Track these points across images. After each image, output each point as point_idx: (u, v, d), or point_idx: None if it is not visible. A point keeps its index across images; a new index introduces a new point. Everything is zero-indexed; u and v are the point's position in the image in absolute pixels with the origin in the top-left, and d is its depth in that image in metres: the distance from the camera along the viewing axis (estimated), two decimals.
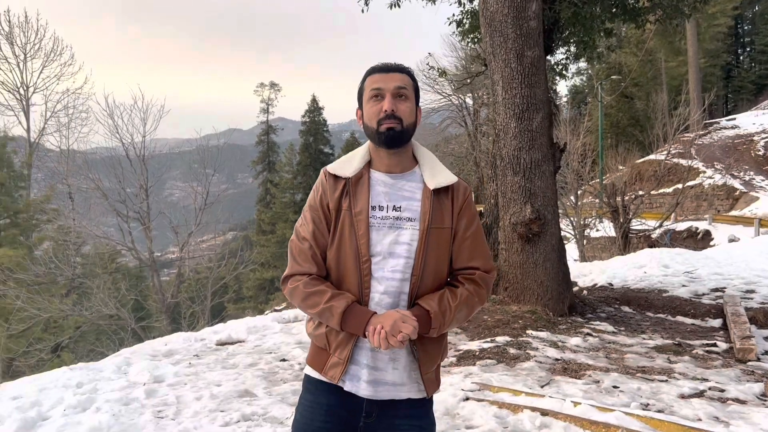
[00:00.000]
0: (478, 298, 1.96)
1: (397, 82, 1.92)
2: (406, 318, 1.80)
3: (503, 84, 6.53)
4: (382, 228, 1.91)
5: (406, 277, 1.88)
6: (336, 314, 1.83)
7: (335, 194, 1.94)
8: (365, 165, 1.99)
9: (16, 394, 4.38)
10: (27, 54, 25.21)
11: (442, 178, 1.96)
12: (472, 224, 2.00)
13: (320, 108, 44.58)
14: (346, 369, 1.89)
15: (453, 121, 42.03)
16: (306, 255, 1.94)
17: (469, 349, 5.62)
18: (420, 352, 1.91)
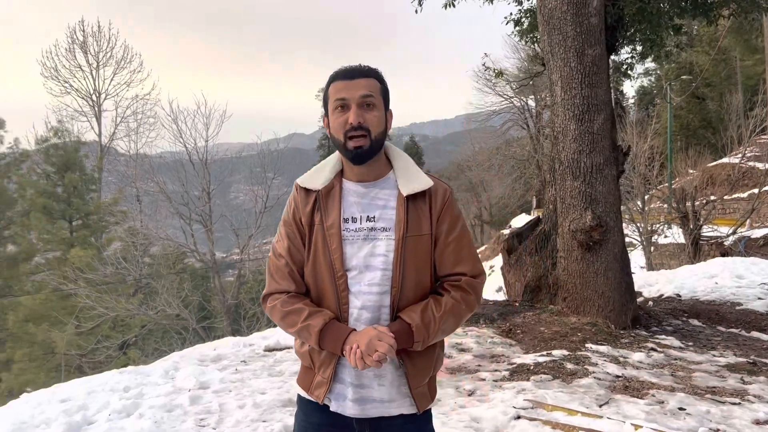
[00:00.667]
0: (465, 306, 1.85)
1: (363, 89, 1.80)
2: (382, 335, 1.71)
3: (562, 84, 6.23)
4: (356, 241, 1.83)
5: (385, 289, 1.80)
6: (313, 333, 1.77)
7: (307, 208, 1.88)
8: (336, 175, 1.90)
9: (66, 396, 4.42)
10: (99, 62, 26.29)
11: (417, 183, 1.85)
12: (454, 228, 1.88)
13: None
14: (331, 388, 1.84)
15: (514, 123, 41.25)
16: (283, 272, 1.89)
17: (523, 363, 5.36)
18: (408, 367, 1.83)
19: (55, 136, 21.70)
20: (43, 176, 21.70)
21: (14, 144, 22.94)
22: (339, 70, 1.86)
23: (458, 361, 5.52)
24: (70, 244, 20.65)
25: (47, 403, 4.25)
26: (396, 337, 1.74)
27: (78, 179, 21.54)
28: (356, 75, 1.82)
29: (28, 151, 22.77)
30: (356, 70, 1.83)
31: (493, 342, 6.09)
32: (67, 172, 21.23)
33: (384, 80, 1.90)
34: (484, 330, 6.50)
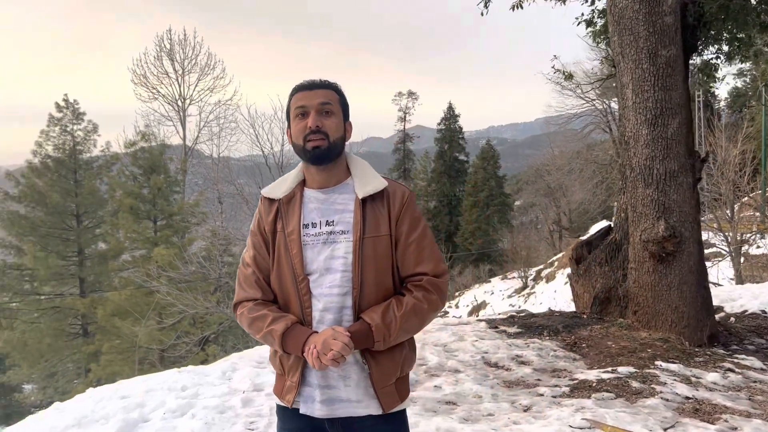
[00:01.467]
0: (428, 305, 1.89)
1: (321, 98, 1.90)
2: (337, 334, 1.77)
3: (633, 87, 5.93)
4: (316, 245, 1.89)
5: (345, 291, 1.85)
6: (276, 337, 1.83)
7: (269, 217, 1.95)
8: (298, 184, 1.98)
9: (126, 393, 4.58)
10: (185, 69, 27.45)
11: (371, 186, 1.91)
12: (415, 228, 1.93)
13: (456, 115, 44.31)
14: (299, 391, 1.90)
15: (596, 126, 39.92)
16: (250, 281, 1.96)
17: (585, 379, 5.12)
18: (372, 367, 1.86)
19: (142, 139, 22.80)
20: (131, 178, 22.82)
21: (106, 147, 24.31)
22: (300, 83, 1.96)
23: (516, 374, 5.35)
24: (154, 243, 21.60)
25: (108, 399, 4.42)
26: (356, 336, 1.79)
27: (162, 181, 22.51)
28: (315, 86, 1.93)
29: (118, 154, 24.04)
30: (315, 83, 1.94)
31: (556, 355, 5.86)
32: (152, 174, 22.23)
33: (343, 93, 1.99)
34: (547, 342, 6.27)
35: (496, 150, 45.62)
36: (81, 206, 23.61)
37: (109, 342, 20.92)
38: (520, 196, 48.59)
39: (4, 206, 22.41)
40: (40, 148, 22.86)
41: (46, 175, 22.83)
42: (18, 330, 21.50)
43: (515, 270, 30.94)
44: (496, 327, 6.97)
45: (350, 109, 2.02)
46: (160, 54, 27.19)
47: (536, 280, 29.31)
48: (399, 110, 47.23)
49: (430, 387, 4.97)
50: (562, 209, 49.08)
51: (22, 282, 22.83)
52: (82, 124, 23.75)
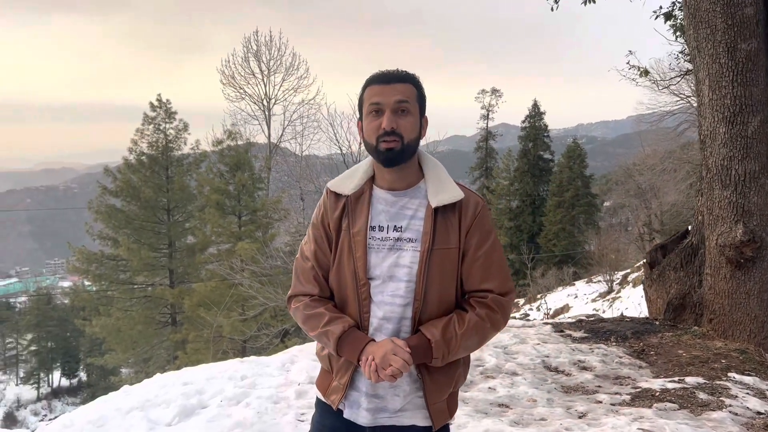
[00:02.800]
0: (491, 324, 1.81)
1: (398, 95, 1.78)
2: (398, 350, 1.71)
3: (710, 83, 5.61)
4: (381, 250, 1.82)
5: (407, 301, 1.79)
6: (332, 339, 1.78)
7: (335, 213, 1.88)
8: (367, 181, 1.89)
9: (188, 380, 4.81)
10: (270, 69, 28.30)
11: (446, 195, 1.81)
12: (485, 242, 1.84)
13: (541, 113, 43.28)
14: (346, 395, 1.85)
15: (691, 125, 37.92)
16: (308, 275, 1.90)
17: (648, 388, 4.91)
18: (426, 381, 1.81)
19: (229, 138, 23.71)
20: (218, 175, 23.79)
21: (195, 145, 25.47)
22: (375, 74, 1.84)
23: (576, 379, 5.20)
24: (238, 238, 22.43)
25: (171, 385, 4.66)
26: (414, 351, 1.74)
27: (247, 178, 23.32)
28: (392, 80, 1.80)
29: (207, 152, 25.13)
30: (392, 75, 1.81)
31: (621, 362, 5.65)
32: (238, 171, 23.07)
33: (421, 86, 1.87)
34: (613, 348, 6.05)
35: (583, 149, 44.21)
36: (172, 201, 24.87)
37: (195, 331, 21.91)
38: (609, 197, 46.88)
39: (102, 200, 23.95)
40: (135, 146, 24.26)
41: (141, 172, 24.20)
42: (113, 317, 22.91)
43: (601, 273, 29.91)
44: (561, 331, 6.79)
45: (430, 106, 1.91)
46: (247, 55, 28.16)
47: (622, 284, 28.22)
48: (482, 108, 46.69)
49: (484, 388, 4.92)
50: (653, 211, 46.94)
51: (118, 272, 24.32)
52: (173, 122, 25.01)
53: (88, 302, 25.40)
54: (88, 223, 24.58)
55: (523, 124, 43.76)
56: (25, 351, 55.74)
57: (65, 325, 50.28)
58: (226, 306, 19.42)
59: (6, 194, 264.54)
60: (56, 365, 54.96)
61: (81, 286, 28.24)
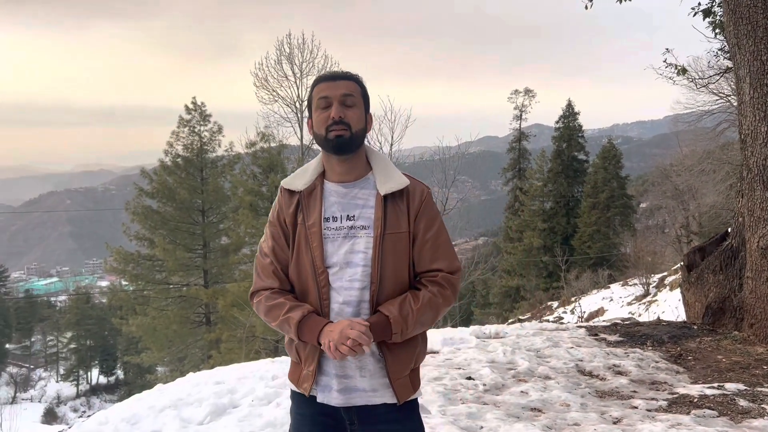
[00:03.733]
0: (442, 300, 1.93)
1: (344, 89, 1.92)
2: (354, 324, 1.79)
3: (751, 81, 5.45)
4: (336, 239, 1.92)
5: (364, 285, 1.89)
6: (292, 325, 1.86)
7: (290, 209, 1.98)
8: (318, 176, 2.00)
9: (220, 379, 4.86)
10: (303, 72, 28.45)
11: (394, 183, 1.94)
12: (432, 226, 1.97)
13: (575, 113, 42.63)
14: (316, 380, 1.94)
15: (731, 124, 36.95)
16: (268, 270, 1.99)
17: (686, 394, 4.79)
18: (388, 358, 1.91)
19: (262, 140, 23.92)
20: (251, 176, 24.04)
21: (229, 147, 25.78)
22: (322, 74, 2.01)
23: (611, 384, 5.09)
24: None
25: (204, 384, 4.71)
26: (374, 328, 1.83)
27: (280, 180, 23.45)
28: (338, 77, 1.95)
29: (240, 154, 25.42)
30: (338, 74, 1.97)
31: (657, 367, 5.52)
32: (271, 173, 23.26)
33: (364, 86, 2.01)
34: (649, 353, 5.92)
35: (619, 149, 43.44)
36: (206, 202, 25.22)
37: (228, 331, 22.16)
38: (645, 198, 46.02)
39: (139, 201, 24.42)
40: (171, 148, 24.67)
41: (176, 173, 24.60)
42: (149, 316, 23.32)
43: (637, 276, 29.37)
44: (596, 335, 6.68)
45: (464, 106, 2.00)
46: (280, 58, 28.34)
47: (659, 287, 27.64)
48: (515, 108, 46.28)
49: (516, 392, 4.85)
50: (691, 213, 45.92)
51: (154, 272, 24.76)
52: (208, 125, 25.37)
53: (125, 302, 25.92)
54: (125, 224, 25.08)
55: (557, 124, 43.20)
56: (65, 349, 57.17)
57: (103, 324, 51.41)
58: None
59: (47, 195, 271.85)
60: (95, 363, 56.22)
61: (118, 285, 28.84)
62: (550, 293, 34.62)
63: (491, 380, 5.05)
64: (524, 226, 40.29)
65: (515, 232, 40.80)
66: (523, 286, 39.17)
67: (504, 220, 45.01)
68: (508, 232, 42.06)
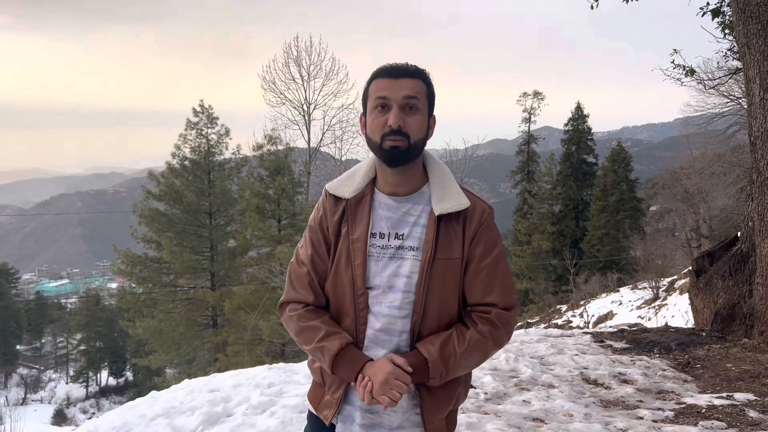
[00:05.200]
0: (493, 342, 1.71)
1: (407, 90, 1.66)
2: (399, 374, 1.60)
3: (761, 81, 5.31)
4: (381, 258, 1.71)
5: (406, 313, 1.69)
6: (327, 356, 1.68)
7: (334, 217, 1.77)
8: (368, 184, 1.77)
9: (216, 386, 4.76)
10: (310, 74, 28.45)
11: (451, 203, 1.70)
12: (489, 253, 1.73)
13: (585, 115, 42.35)
14: (340, 409, 1.76)
15: (741, 127, 36.56)
16: (303, 281, 1.79)
17: (694, 404, 4.65)
18: (425, 399, 1.71)
19: (269, 143, 23.91)
20: (258, 179, 24.02)
21: (237, 150, 25.78)
22: (383, 66, 1.73)
23: (616, 393, 4.96)
24: (277, 241, 22.58)
25: (198, 392, 4.61)
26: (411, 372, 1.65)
27: (287, 183, 23.47)
28: (402, 74, 1.69)
29: (248, 157, 25.41)
30: (402, 69, 1.70)
31: (664, 375, 5.38)
32: (277, 176, 23.23)
33: (431, 83, 1.76)
34: (656, 361, 5.78)
35: (628, 152, 43.15)
36: (213, 205, 25.21)
37: (235, 334, 22.12)
38: (655, 201, 45.66)
39: (146, 204, 24.45)
40: (178, 150, 24.69)
41: (183, 176, 24.60)
42: (156, 318, 23.31)
43: (646, 280, 29.11)
44: (601, 341, 6.54)
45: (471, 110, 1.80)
46: (288, 60, 28.37)
47: (669, 291, 27.39)
48: (524, 111, 46.05)
49: (518, 401, 4.73)
50: (702, 216, 45.53)
51: (161, 274, 24.76)
52: (215, 128, 25.36)
53: (132, 304, 25.94)
54: (132, 227, 25.11)
55: (566, 127, 42.97)
56: (74, 350, 57.42)
57: (113, 326, 51.58)
58: (264, 309, 19.54)
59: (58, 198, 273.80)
60: (104, 365, 56.42)
61: (129, 288, 28.85)
62: (559, 297, 34.42)
63: (493, 389, 4.93)
64: (533, 229, 40.06)
65: (524, 235, 40.58)
66: (532, 290, 38.94)
67: (513, 223, 44.79)
68: (517, 235, 41.84)
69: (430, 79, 1.75)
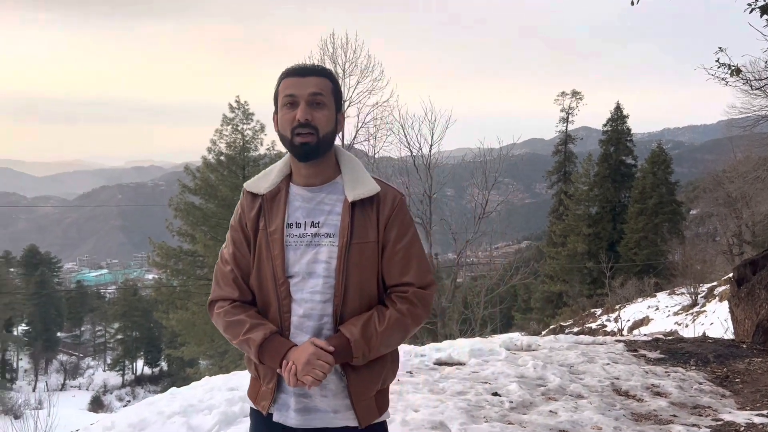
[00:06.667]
0: (411, 319, 1.80)
1: (313, 87, 1.77)
2: (321, 354, 1.68)
3: None
4: (299, 246, 1.79)
5: (327, 298, 1.76)
6: (253, 347, 1.73)
7: (252, 213, 1.84)
8: (284, 179, 1.87)
9: (235, 385, 4.71)
10: (345, 71, 28.40)
11: (363, 189, 1.80)
12: (404, 236, 1.82)
13: (624, 116, 41.40)
14: (275, 398, 1.81)
15: None
16: (227, 279, 1.86)
17: (732, 421, 4.42)
18: (351, 379, 1.78)
19: None
20: None
21: (271, 146, 25.90)
22: (291, 67, 1.83)
23: (648, 406, 4.75)
24: None
25: (217, 390, 4.57)
26: (334, 352, 1.71)
27: None
28: (308, 73, 1.80)
29: (281, 153, 25.48)
30: (308, 69, 1.81)
31: (701, 389, 5.14)
32: None
33: (337, 81, 1.87)
34: (692, 373, 5.54)
35: (669, 154, 42.12)
36: None
37: None
38: (696, 205, 44.53)
39: (182, 198, 24.76)
40: (214, 146, 24.94)
41: (218, 171, 24.84)
42: (189, 311, 23.61)
43: (684, 285, 28.37)
44: (635, 350, 6.31)
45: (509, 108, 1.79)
46: (323, 57, 28.35)
47: (708, 297, 26.63)
48: (561, 111, 45.31)
49: (544, 411, 4.57)
50: (745, 221, 44.15)
51: (195, 267, 25.06)
52: (251, 123, 25.52)
53: (167, 296, 26.30)
54: (168, 220, 25.46)
55: (605, 127, 42.16)
56: (112, 339, 58.72)
57: (149, 316, 52.52)
58: None
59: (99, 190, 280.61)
60: (140, 354, 57.57)
61: (165, 280, 29.26)
62: (594, 300, 33.85)
63: (519, 397, 4.78)
64: (568, 231, 39.43)
65: (559, 236, 39.98)
66: (566, 292, 38.40)
67: (548, 224, 44.18)
68: (552, 236, 41.26)
69: (335, 77, 1.86)
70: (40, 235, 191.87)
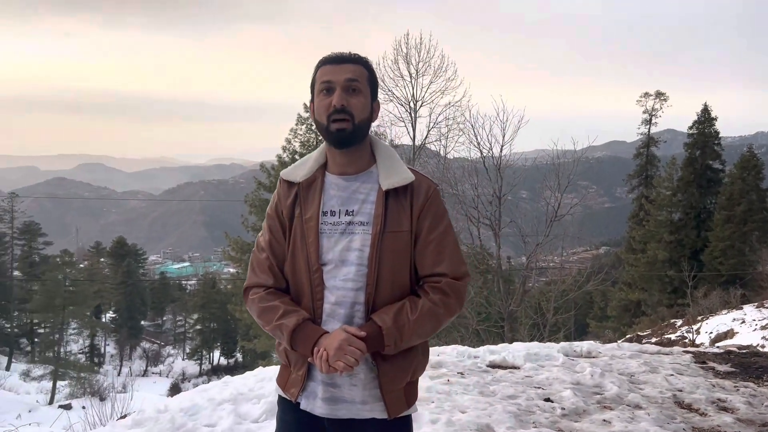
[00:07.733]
0: (444, 309, 1.79)
1: (349, 73, 1.78)
2: (353, 341, 1.68)
3: None
4: (333, 234, 1.81)
5: (359, 286, 1.77)
6: (286, 332, 1.75)
7: (288, 201, 1.87)
8: (319, 168, 1.88)
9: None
10: (419, 72, 28.38)
11: (397, 178, 1.80)
12: (437, 226, 1.82)
13: (712, 119, 39.28)
14: (304, 386, 1.82)
15: None
16: (263, 266, 1.88)
17: None
18: (381, 369, 1.77)
19: None
20: None
21: None
22: (327, 55, 1.85)
23: (712, 421, 4.51)
24: None
25: (269, 380, 4.68)
26: (365, 339, 1.71)
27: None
28: (344, 60, 1.82)
29: None
30: (344, 56, 1.83)
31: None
32: None
33: (372, 70, 1.88)
34: (764, 389, 5.21)
35: (761, 159, 39.73)
36: None
37: None
38: None
39: (257, 194, 25.45)
40: (289, 144, 25.52)
41: None
42: None
43: None
44: (703, 362, 6.00)
45: (590, 109, 1.78)
46: (397, 58, 28.44)
47: None
48: (644, 112, 43.55)
49: (598, 420, 4.42)
50: None
51: None
52: None
53: (240, 289, 27.08)
54: (243, 215, 26.24)
55: (691, 130, 40.22)
56: (191, 329, 61.13)
57: (226, 309, 54.27)
58: None
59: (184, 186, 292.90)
60: (217, 345, 59.63)
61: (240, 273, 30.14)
62: (674, 310, 32.40)
63: (572, 404, 4.64)
64: (649, 237, 37.87)
65: (638, 243, 38.46)
66: (645, 301, 36.90)
67: (627, 229, 42.61)
68: (631, 242, 39.76)
69: (371, 65, 1.87)
70: (128, 227, 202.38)
